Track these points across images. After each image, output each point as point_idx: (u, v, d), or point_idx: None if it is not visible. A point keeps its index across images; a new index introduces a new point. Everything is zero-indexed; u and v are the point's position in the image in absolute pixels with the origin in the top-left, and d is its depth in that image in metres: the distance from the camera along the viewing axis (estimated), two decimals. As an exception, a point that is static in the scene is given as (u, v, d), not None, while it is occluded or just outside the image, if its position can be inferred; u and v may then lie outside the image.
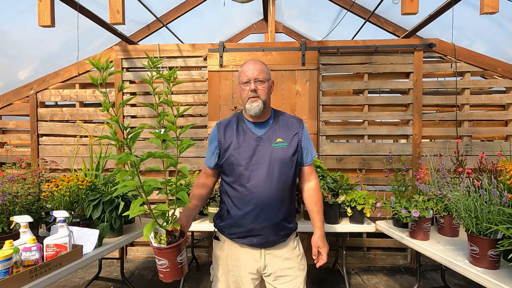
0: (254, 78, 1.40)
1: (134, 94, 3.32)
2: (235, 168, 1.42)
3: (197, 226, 2.42)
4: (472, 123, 3.10)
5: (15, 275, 1.33)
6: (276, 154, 1.41)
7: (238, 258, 1.46)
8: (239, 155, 1.42)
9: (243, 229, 1.41)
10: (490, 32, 3.02)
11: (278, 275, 1.46)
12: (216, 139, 1.48)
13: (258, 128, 1.47)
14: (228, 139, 1.46)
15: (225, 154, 1.44)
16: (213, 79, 3.18)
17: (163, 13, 3.48)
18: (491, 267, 1.47)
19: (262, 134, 1.45)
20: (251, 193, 1.38)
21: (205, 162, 1.56)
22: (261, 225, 1.39)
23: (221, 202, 1.53)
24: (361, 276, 2.99)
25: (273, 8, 3.26)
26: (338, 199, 2.37)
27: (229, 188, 1.45)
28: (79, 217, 1.97)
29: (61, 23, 2.31)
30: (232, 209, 1.43)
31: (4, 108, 3.37)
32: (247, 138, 1.44)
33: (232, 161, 1.42)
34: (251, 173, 1.39)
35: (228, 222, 1.44)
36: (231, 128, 1.48)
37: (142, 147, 3.29)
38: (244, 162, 1.40)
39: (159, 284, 2.84)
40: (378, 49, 3.07)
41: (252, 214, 1.38)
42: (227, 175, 1.46)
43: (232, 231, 1.44)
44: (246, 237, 1.42)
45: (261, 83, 1.41)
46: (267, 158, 1.40)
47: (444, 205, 1.94)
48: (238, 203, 1.41)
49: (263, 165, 1.39)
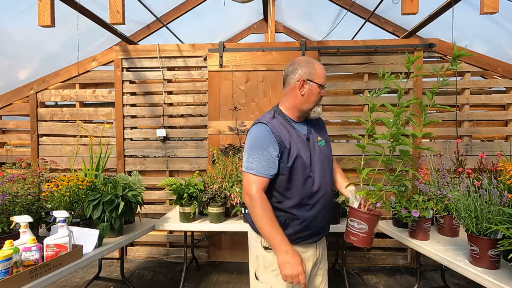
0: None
1: (134, 94, 3.33)
2: (302, 171, 1.35)
3: (197, 226, 2.42)
4: (472, 123, 3.10)
5: (15, 275, 1.33)
6: (323, 152, 1.45)
7: (304, 259, 1.36)
8: (306, 156, 1.36)
9: (313, 230, 1.40)
10: (490, 32, 3.02)
11: (321, 260, 1.52)
12: (275, 142, 1.32)
13: (301, 127, 1.44)
14: (287, 139, 1.34)
15: (290, 157, 1.33)
16: (213, 79, 3.18)
17: (163, 13, 3.48)
18: (491, 267, 1.47)
19: (306, 133, 1.44)
20: (317, 193, 1.38)
21: (262, 173, 1.30)
22: (326, 221, 1.45)
23: (277, 210, 1.35)
24: (361, 276, 2.99)
25: (273, 8, 3.25)
26: (338, 199, 2.37)
27: (289, 192, 1.35)
28: (79, 217, 1.97)
29: (61, 23, 2.31)
30: (302, 213, 1.36)
31: (4, 108, 3.37)
32: (300, 138, 1.39)
33: (299, 163, 1.34)
34: (314, 174, 1.38)
35: (296, 229, 1.37)
36: (283, 126, 1.37)
37: (142, 147, 3.29)
38: (308, 163, 1.36)
39: (159, 284, 2.84)
40: (378, 49, 3.07)
41: (321, 213, 1.40)
42: (289, 180, 1.34)
43: (300, 236, 1.38)
44: (312, 236, 1.42)
45: None
46: (320, 157, 1.42)
47: (444, 205, 1.94)
48: (308, 206, 1.37)
49: (319, 164, 1.41)
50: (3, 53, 3.00)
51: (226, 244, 3.23)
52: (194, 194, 2.41)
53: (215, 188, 2.46)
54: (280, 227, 1.32)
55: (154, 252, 3.37)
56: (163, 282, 2.88)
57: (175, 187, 2.40)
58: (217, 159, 2.71)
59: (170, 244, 3.36)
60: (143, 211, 3.03)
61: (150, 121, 3.31)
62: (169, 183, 2.44)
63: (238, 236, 3.19)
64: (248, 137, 1.40)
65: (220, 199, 2.38)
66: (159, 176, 3.28)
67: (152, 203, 3.35)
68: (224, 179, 2.56)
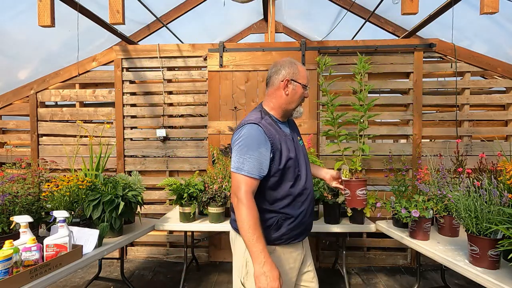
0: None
1: (134, 94, 3.33)
2: (293, 170, 1.38)
3: (197, 226, 2.42)
4: (472, 123, 3.10)
5: (15, 275, 1.33)
6: (304, 151, 1.51)
7: (293, 259, 1.42)
8: (294, 156, 1.39)
9: (303, 227, 1.44)
10: (490, 32, 3.02)
11: (307, 257, 1.54)
12: (267, 140, 1.31)
13: (284, 128, 1.47)
14: (277, 140, 1.35)
15: (282, 158, 1.34)
16: (213, 79, 3.18)
17: (163, 13, 3.48)
18: (491, 267, 1.47)
19: (290, 133, 1.48)
20: (306, 191, 1.43)
21: (253, 173, 1.26)
22: (312, 218, 1.51)
23: (264, 213, 1.34)
24: (361, 276, 2.98)
25: (273, 8, 3.25)
26: (338, 199, 2.37)
27: (282, 193, 1.36)
28: (79, 217, 1.97)
29: (61, 23, 2.31)
30: (293, 211, 1.38)
31: (4, 108, 3.37)
32: (287, 138, 1.42)
33: (291, 164, 1.37)
34: (301, 172, 1.42)
35: (289, 227, 1.37)
36: (271, 126, 1.37)
37: (142, 147, 3.29)
38: (297, 162, 1.41)
39: (159, 284, 2.84)
40: (378, 49, 3.07)
41: (309, 209, 1.46)
42: (281, 180, 1.35)
43: (292, 235, 1.39)
44: (302, 234, 1.45)
45: None
46: (303, 156, 1.48)
47: (444, 205, 1.94)
48: (299, 204, 1.40)
49: (304, 162, 1.46)
50: (3, 53, 3.00)
51: (226, 244, 3.23)
52: (194, 194, 2.41)
53: (215, 188, 2.46)
54: (273, 228, 1.35)
55: (154, 252, 3.37)
56: (163, 282, 2.88)
57: (175, 187, 2.40)
58: (217, 159, 2.71)
59: (170, 244, 3.36)
60: (143, 211, 3.03)
61: (150, 121, 3.31)
62: (169, 183, 2.44)
63: (238, 236, 3.19)
64: (237, 137, 1.34)
65: (220, 199, 2.38)
66: (159, 176, 3.28)
67: (152, 203, 3.35)
68: (224, 179, 2.56)
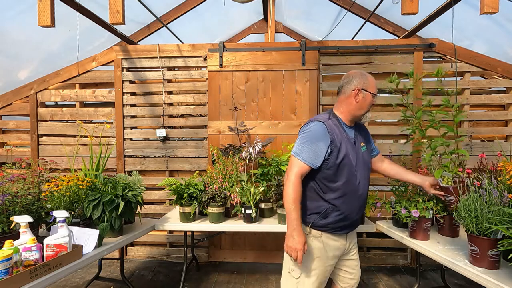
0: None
1: (134, 94, 3.33)
2: (349, 169, 1.54)
3: (197, 226, 2.42)
4: (472, 123, 3.10)
5: (15, 275, 1.33)
6: (364, 157, 1.65)
7: (336, 248, 1.62)
8: (352, 156, 1.56)
9: (348, 222, 1.60)
10: (490, 32, 3.02)
11: (352, 248, 1.74)
12: (328, 137, 1.52)
13: (350, 131, 1.64)
14: (338, 139, 1.54)
15: (339, 155, 1.52)
16: (213, 79, 3.18)
17: (163, 13, 3.48)
18: (491, 267, 1.47)
19: (353, 136, 1.64)
20: (358, 191, 1.58)
21: (307, 161, 1.50)
22: (359, 216, 1.67)
23: (317, 200, 1.58)
24: (361, 276, 2.98)
25: (273, 8, 3.25)
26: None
27: (335, 186, 1.54)
28: (79, 217, 1.97)
29: (61, 23, 2.31)
30: (342, 205, 1.55)
31: (4, 108, 3.37)
32: (349, 140, 1.59)
33: (347, 162, 1.53)
34: (357, 173, 1.58)
35: (336, 219, 1.56)
36: (336, 127, 1.57)
37: (142, 147, 3.29)
38: (354, 163, 1.57)
39: (159, 284, 2.84)
40: (378, 49, 3.07)
41: (357, 208, 1.61)
42: (335, 175, 1.53)
43: (337, 226, 1.58)
44: (346, 228, 1.62)
45: None
46: (362, 160, 1.62)
47: (444, 205, 1.94)
48: (349, 200, 1.56)
49: (362, 165, 1.61)
50: (3, 53, 3.00)
51: (226, 244, 3.23)
52: (194, 194, 2.41)
53: (215, 188, 2.46)
54: (321, 215, 1.56)
55: (154, 252, 3.37)
56: (163, 282, 2.88)
57: (175, 187, 2.40)
58: (217, 159, 2.71)
59: (170, 244, 3.36)
60: (143, 211, 3.03)
61: (150, 121, 3.31)
62: (169, 183, 2.44)
63: (238, 236, 3.19)
64: (304, 129, 1.58)
65: (220, 199, 2.38)
66: (159, 176, 3.28)
67: (152, 203, 3.35)
68: (224, 179, 2.56)
